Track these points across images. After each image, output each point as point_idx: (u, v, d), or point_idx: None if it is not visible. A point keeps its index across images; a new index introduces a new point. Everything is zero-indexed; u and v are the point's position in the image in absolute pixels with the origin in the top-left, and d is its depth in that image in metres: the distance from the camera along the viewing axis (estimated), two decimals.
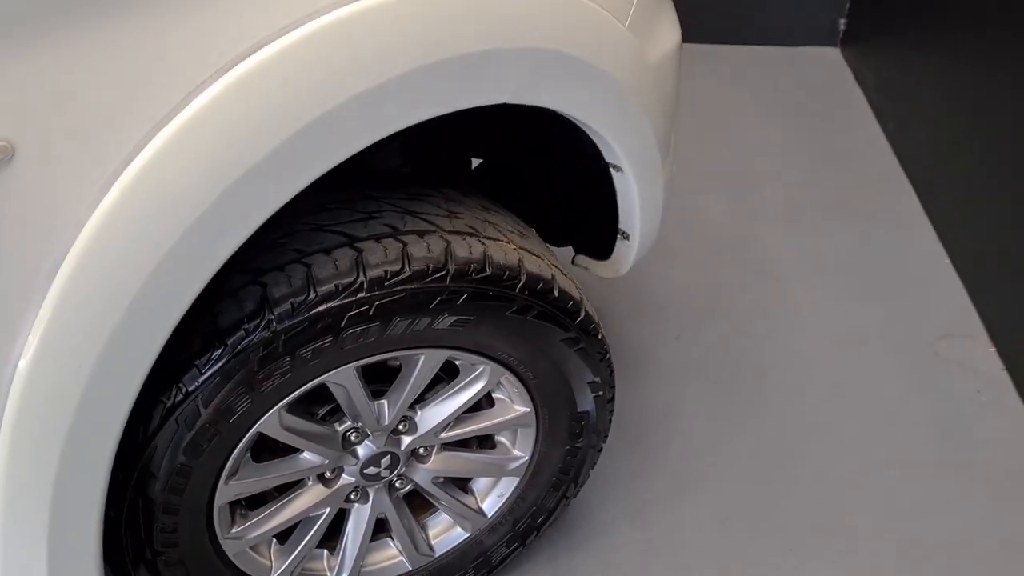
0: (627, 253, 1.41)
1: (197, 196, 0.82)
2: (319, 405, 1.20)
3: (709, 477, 1.69)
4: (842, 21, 3.14)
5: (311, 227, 1.06)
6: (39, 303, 0.82)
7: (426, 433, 1.26)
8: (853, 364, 1.94)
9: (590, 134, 1.20)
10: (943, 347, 1.97)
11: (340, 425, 1.20)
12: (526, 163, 1.50)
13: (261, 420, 1.08)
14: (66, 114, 0.74)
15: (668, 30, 1.31)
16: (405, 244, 1.06)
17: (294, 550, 1.27)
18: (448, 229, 1.10)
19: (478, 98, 1.00)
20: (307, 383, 1.08)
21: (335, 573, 1.34)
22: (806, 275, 2.17)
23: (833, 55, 3.19)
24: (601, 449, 1.40)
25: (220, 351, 1.00)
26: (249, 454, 1.14)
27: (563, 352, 1.23)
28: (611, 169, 1.28)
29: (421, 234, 1.08)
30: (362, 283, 1.02)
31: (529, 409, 1.29)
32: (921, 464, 1.73)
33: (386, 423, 1.21)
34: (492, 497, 1.40)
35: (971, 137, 2.19)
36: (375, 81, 0.87)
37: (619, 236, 1.40)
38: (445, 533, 1.41)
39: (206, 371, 1.00)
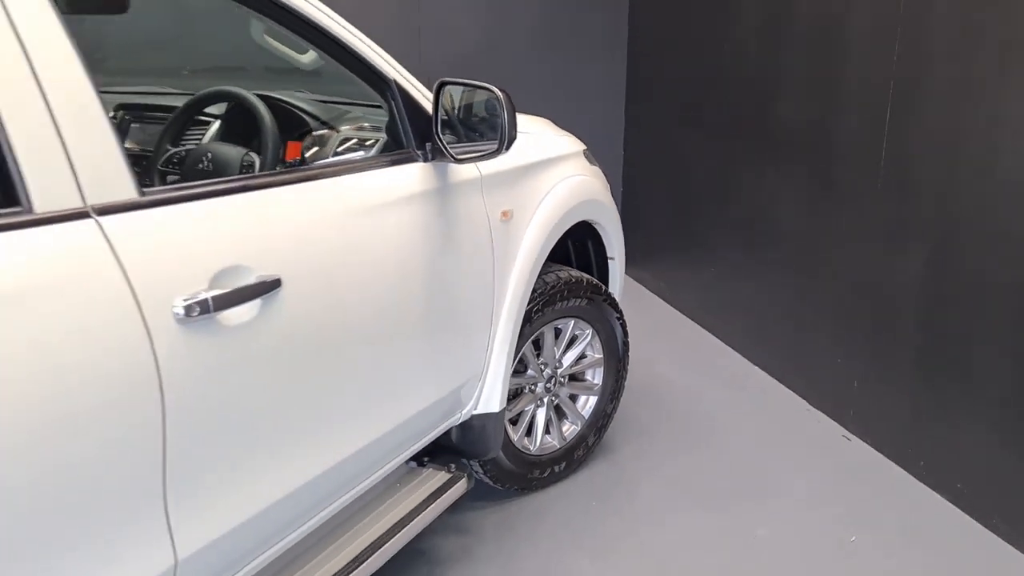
0: None
1: (547, 228, 2.59)
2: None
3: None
4: None
5: None
6: (510, 281, 2.49)
7: (566, 367, 2.94)
8: (735, 409, 3.82)
9: (603, 236, 3.09)
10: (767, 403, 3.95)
11: (539, 359, 2.86)
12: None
13: (527, 342, 2.74)
14: (526, 197, 2.51)
15: None
16: (570, 272, 2.85)
17: (519, 429, 2.84)
18: (576, 271, 2.91)
19: (585, 215, 2.88)
20: (542, 327, 2.77)
21: (534, 445, 2.90)
22: (701, 389, 4.06)
23: None
24: (625, 378, 3.14)
25: None
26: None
27: (614, 323, 3.02)
28: (608, 260, 3.17)
29: (569, 272, 2.87)
30: (561, 283, 2.78)
31: (601, 356, 3.03)
32: (815, 459, 3.60)
33: (556, 357, 2.89)
34: (586, 408, 3.06)
35: (706, 291, 4.36)
36: (580, 199, 2.74)
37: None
38: (569, 428, 3.02)
39: None
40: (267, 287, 1.64)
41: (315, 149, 2.26)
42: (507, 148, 2.07)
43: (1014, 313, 2.59)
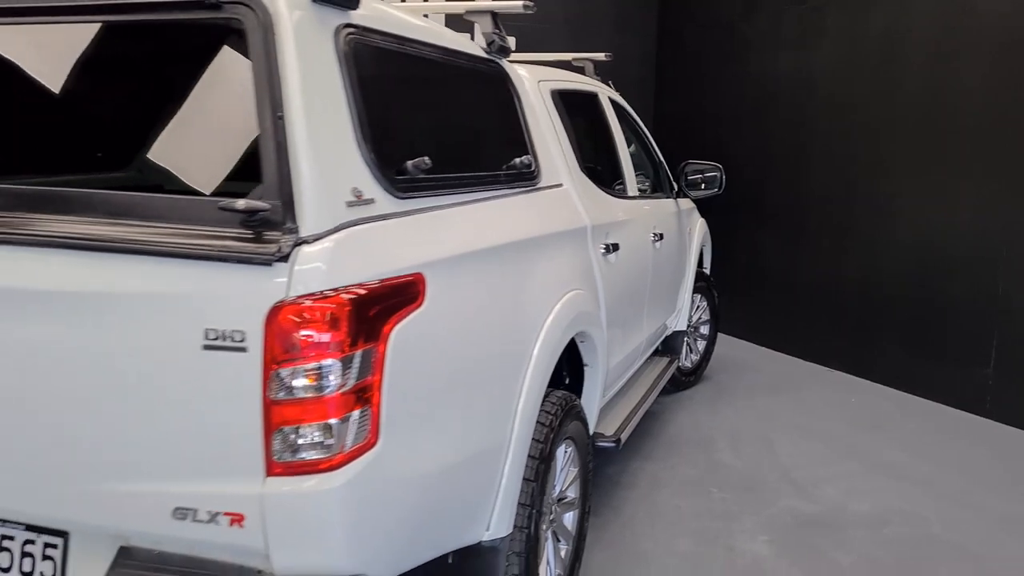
0: None
1: (700, 241, 5.13)
2: None
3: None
4: None
5: None
6: (691, 262, 5.00)
7: (695, 320, 5.42)
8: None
9: (706, 253, 5.64)
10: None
11: None
12: None
13: None
14: (694, 223, 5.04)
15: None
16: (699, 268, 5.38)
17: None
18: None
19: (705, 240, 5.44)
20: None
21: (681, 363, 5.32)
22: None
23: None
24: (718, 331, 5.64)
25: None
26: None
27: (715, 299, 5.54)
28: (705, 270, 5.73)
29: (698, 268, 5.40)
30: (698, 271, 5.30)
31: (709, 317, 5.54)
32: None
33: (691, 314, 5.38)
34: (701, 346, 5.53)
35: (729, 312, 6.95)
36: (706, 230, 5.31)
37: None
38: (695, 358, 5.47)
39: None
40: (661, 237, 4.08)
41: None
42: (722, 190, 4.61)
43: (899, 289, 5.31)
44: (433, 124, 2.23)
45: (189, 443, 1.59)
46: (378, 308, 1.65)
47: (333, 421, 1.56)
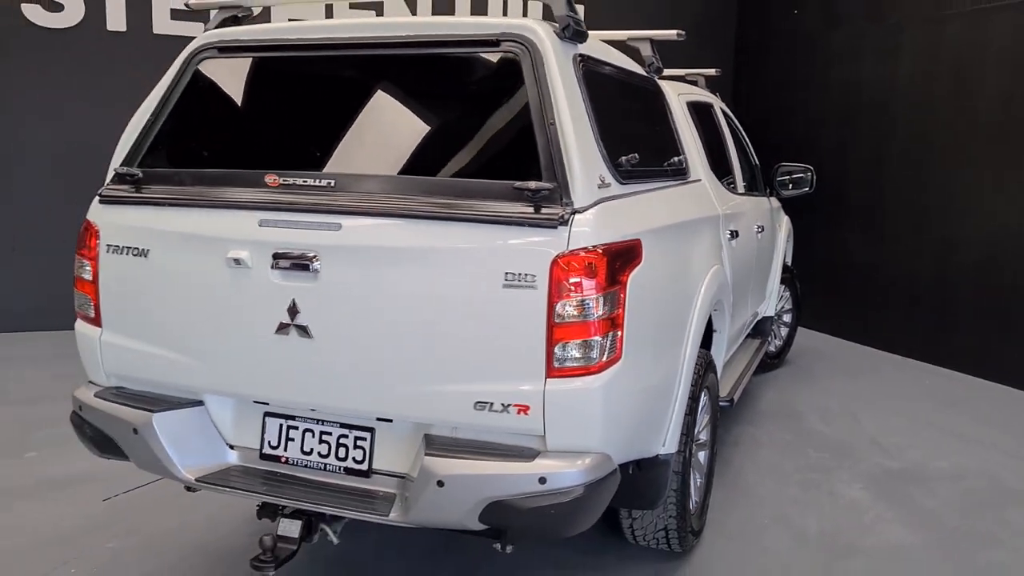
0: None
1: (786, 236, 5.69)
2: None
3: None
4: None
5: None
6: (778, 257, 5.57)
7: (779, 308, 5.98)
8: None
9: (789, 247, 6.21)
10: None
11: None
12: None
13: None
14: (782, 221, 5.61)
15: None
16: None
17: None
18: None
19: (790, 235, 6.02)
20: None
21: (768, 348, 5.88)
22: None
23: None
24: (799, 319, 6.19)
25: None
26: None
27: (796, 289, 6.10)
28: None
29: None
30: (784, 264, 5.87)
31: (792, 306, 6.10)
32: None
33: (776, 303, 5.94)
34: (783, 333, 6.08)
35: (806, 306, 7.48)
36: (790, 227, 5.88)
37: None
38: (778, 343, 6.03)
39: None
40: (762, 229, 4.66)
41: None
42: (813, 189, 5.18)
43: (968, 281, 5.81)
44: (627, 128, 2.85)
45: (489, 354, 2.22)
46: (620, 261, 2.27)
47: (596, 339, 2.18)
